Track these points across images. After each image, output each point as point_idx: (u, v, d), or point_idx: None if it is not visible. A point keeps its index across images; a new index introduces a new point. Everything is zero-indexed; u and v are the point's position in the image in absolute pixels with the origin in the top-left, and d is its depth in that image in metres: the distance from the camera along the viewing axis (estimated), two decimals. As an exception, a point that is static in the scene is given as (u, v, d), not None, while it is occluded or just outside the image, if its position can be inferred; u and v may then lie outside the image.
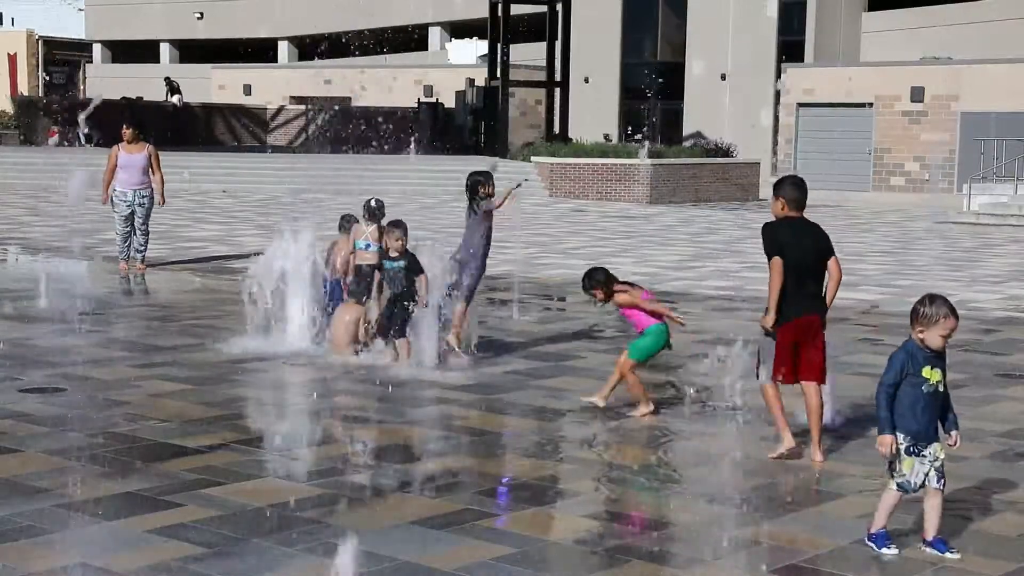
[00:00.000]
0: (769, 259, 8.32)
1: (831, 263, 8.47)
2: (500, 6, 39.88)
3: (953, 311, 6.28)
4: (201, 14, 71.28)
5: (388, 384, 10.26)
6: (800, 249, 8.33)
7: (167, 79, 50.31)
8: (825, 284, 8.49)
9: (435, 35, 64.18)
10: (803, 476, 7.99)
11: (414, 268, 10.92)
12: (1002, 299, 16.91)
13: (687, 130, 47.89)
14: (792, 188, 8.53)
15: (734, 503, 7.27)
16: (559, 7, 39.55)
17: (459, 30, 61.40)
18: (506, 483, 7.71)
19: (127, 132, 17.38)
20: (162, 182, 17.52)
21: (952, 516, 6.87)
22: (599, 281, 9.66)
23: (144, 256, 17.52)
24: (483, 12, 43.47)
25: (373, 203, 11.71)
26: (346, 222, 12.16)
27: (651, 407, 9.40)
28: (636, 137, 43.83)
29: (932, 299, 6.33)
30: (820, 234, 8.54)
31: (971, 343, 13.14)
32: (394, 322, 10.95)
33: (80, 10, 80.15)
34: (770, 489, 7.80)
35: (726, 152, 39.98)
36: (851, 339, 13.32)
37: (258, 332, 11.61)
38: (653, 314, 9.50)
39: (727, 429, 9.00)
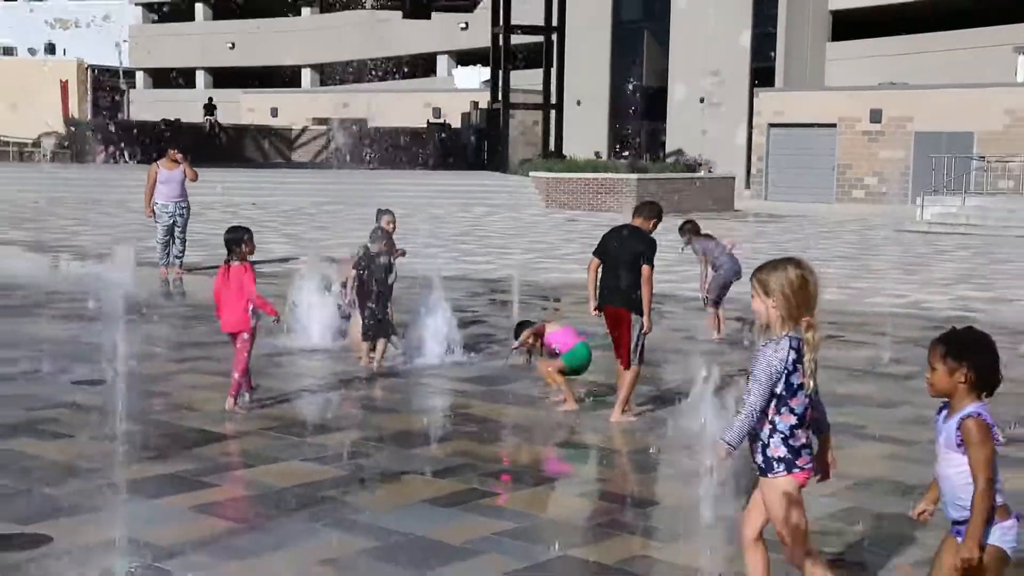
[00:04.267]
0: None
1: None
2: (501, 37, 39.93)
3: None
4: (233, 44, 71.38)
5: (400, 377, 10.30)
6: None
7: (209, 99, 50.18)
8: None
9: (442, 63, 64.27)
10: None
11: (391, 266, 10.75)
12: (951, 300, 16.93)
13: (669, 148, 47.89)
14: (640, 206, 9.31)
15: (711, 484, 7.29)
16: (554, 38, 39.56)
17: (464, 58, 61.46)
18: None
19: (176, 154, 17.51)
20: (194, 172, 17.60)
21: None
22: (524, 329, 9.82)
23: (182, 262, 17.57)
24: (486, 42, 43.53)
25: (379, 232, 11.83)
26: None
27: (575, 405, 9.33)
28: (624, 154, 43.90)
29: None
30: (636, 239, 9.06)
31: (923, 340, 13.14)
32: (378, 323, 10.77)
33: (124, 41, 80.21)
34: (744, 472, 7.82)
35: (705, 167, 39.99)
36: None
37: (283, 331, 11.63)
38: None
39: (708, 417, 9.03)
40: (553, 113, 40.42)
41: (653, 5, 51.59)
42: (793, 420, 4.78)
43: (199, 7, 72.64)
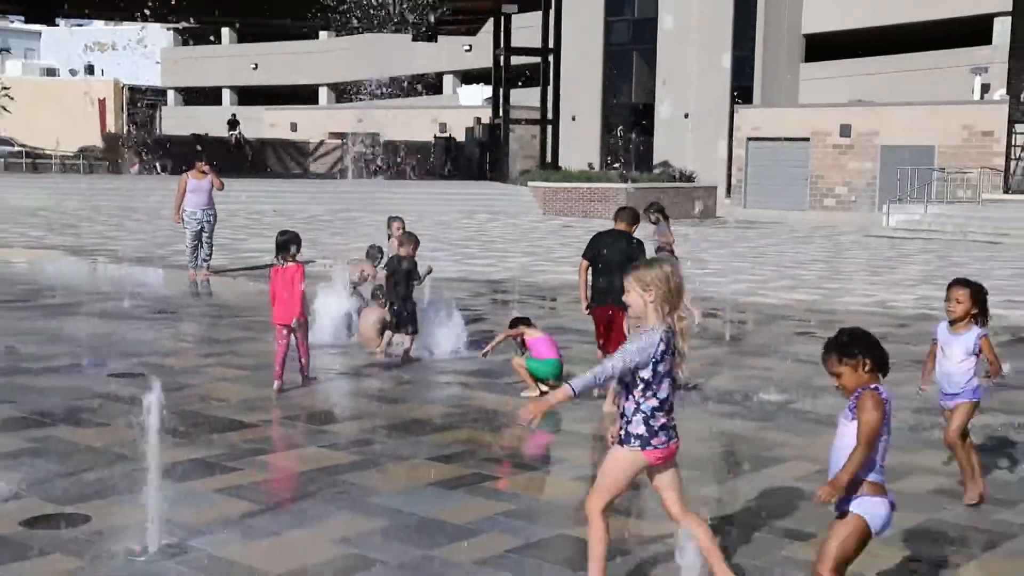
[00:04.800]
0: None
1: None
2: (502, 58, 39.97)
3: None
4: (256, 65, 71.41)
5: (408, 369, 10.29)
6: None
7: (233, 116, 50.21)
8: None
9: (448, 82, 64.28)
10: (749, 447, 8.00)
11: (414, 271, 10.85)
12: (915, 299, 16.93)
13: (656, 159, 47.91)
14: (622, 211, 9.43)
15: (695, 467, 7.28)
16: (551, 59, 39.57)
17: (468, 77, 61.48)
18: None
19: (203, 165, 17.53)
20: (220, 182, 17.65)
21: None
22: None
23: (209, 264, 17.57)
24: (488, 63, 43.55)
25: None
26: (374, 251, 12.30)
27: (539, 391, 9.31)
28: (614, 165, 43.90)
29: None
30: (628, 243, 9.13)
31: (889, 335, 13.15)
32: (403, 317, 10.86)
33: (157, 62, 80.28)
34: (724, 456, 7.81)
35: (689, 178, 40.00)
36: (790, 332, 13.34)
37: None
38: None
39: (692, 406, 9.02)
40: (550, 128, 40.44)
41: (641, 29, 51.61)
42: (655, 403, 4.77)
43: (225, 31, 72.61)
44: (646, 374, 4.73)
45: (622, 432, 4.85)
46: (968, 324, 6.51)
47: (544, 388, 9.22)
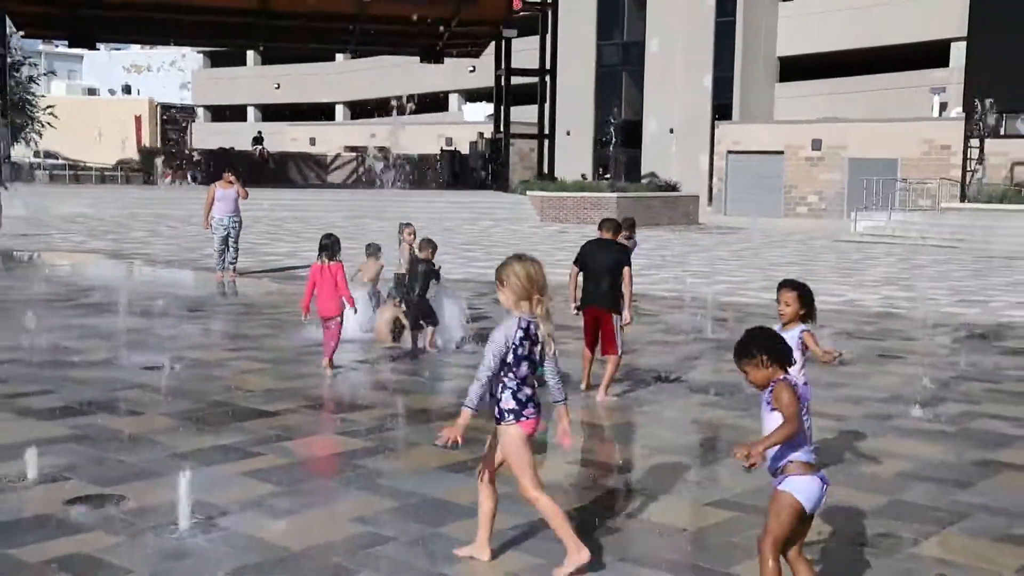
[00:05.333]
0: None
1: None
2: (503, 78, 39.96)
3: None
4: (278, 84, 71.40)
5: (417, 362, 10.28)
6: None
7: (258, 132, 50.15)
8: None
9: (454, 100, 64.28)
10: (728, 433, 8.00)
11: (433, 271, 10.93)
12: (880, 298, 16.92)
13: (644, 171, 47.94)
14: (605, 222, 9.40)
15: (679, 453, 7.28)
16: (547, 79, 39.57)
17: (472, 96, 61.49)
18: None
19: (230, 176, 17.54)
20: (246, 191, 17.74)
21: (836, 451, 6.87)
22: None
23: (235, 267, 17.56)
24: (490, 82, 43.57)
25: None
26: (372, 248, 12.26)
27: None
28: (606, 176, 43.86)
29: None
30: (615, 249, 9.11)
31: (856, 332, 13.16)
32: (423, 313, 10.90)
33: (188, 83, 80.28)
34: (706, 443, 7.81)
35: (673, 188, 39.98)
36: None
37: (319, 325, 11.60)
38: None
39: (676, 397, 9.01)
40: (546, 142, 40.43)
41: (630, 52, 51.63)
42: (517, 382, 4.93)
43: (250, 54, 72.57)
44: (509, 358, 4.88)
45: (496, 413, 4.97)
46: (796, 323, 6.25)
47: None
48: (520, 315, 4.93)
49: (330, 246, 9.75)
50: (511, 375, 4.91)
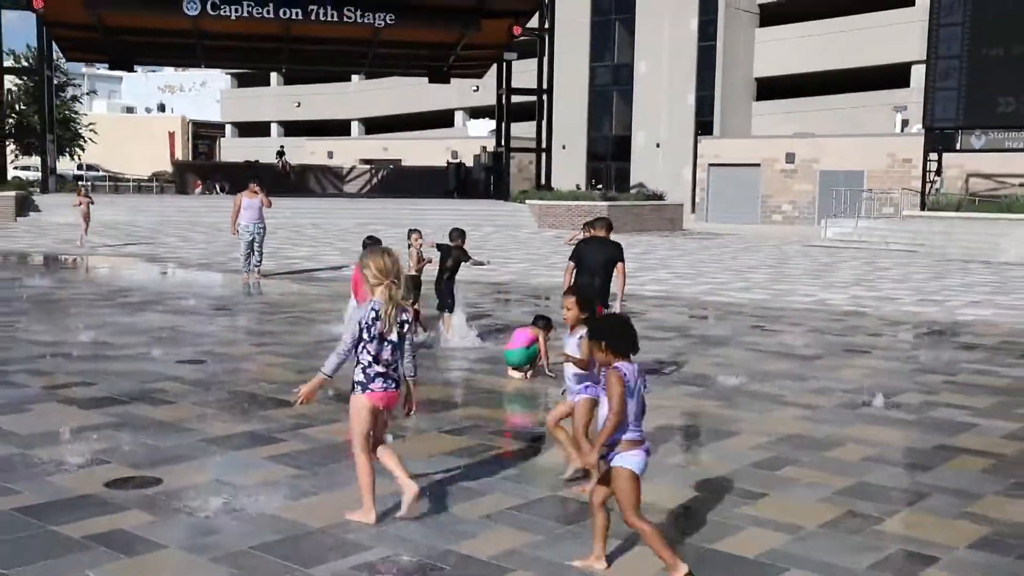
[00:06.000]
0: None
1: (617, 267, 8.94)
2: (504, 97, 39.93)
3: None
4: (299, 103, 71.36)
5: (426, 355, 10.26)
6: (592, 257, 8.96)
7: (281, 147, 50.18)
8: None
9: (459, 116, 64.23)
10: (711, 421, 7.99)
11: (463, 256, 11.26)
12: (847, 298, 16.91)
13: (633, 181, 47.90)
14: (596, 221, 9.26)
15: (666, 439, 7.27)
16: (544, 97, 39.54)
17: (476, 112, 61.45)
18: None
19: (255, 186, 17.56)
20: (269, 200, 17.89)
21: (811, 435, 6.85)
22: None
23: (260, 269, 17.56)
24: (492, 100, 43.53)
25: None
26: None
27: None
28: (598, 186, 43.80)
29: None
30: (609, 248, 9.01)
31: (826, 328, 13.15)
32: (443, 297, 11.06)
33: (217, 101, 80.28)
34: (690, 429, 7.80)
35: (660, 197, 39.94)
36: (745, 326, 13.32)
37: (337, 321, 11.62)
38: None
39: (662, 388, 9.00)
40: (543, 155, 40.40)
41: (620, 73, 51.59)
42: (370, 358, 5.16)
43: (273, 76, 72.53)
44: (365, 335, 5.10)
45: (352, 384, 5.18)
46: (580, 327, 5.99)
47: (515, 374, 9.21)
48: (374, 299, 5.14)
49: (371, 246, 9.78)
50: (365, 351, 5.12)
